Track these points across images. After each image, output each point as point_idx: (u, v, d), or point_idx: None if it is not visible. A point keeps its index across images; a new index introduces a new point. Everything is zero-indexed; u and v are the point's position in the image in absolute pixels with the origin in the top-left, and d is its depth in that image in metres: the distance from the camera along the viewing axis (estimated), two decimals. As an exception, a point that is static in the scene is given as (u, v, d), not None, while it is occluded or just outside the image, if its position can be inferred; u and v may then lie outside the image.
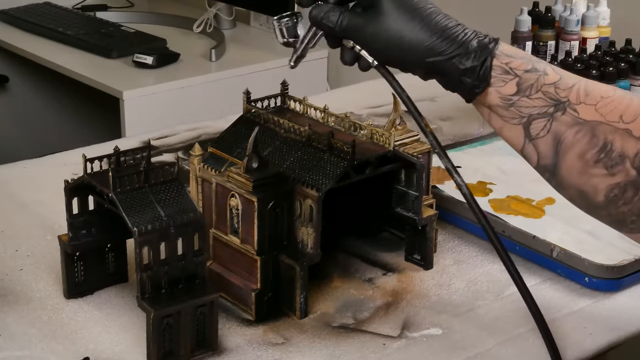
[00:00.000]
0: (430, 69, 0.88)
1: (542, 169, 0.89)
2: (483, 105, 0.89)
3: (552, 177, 0.89)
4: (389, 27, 0.88)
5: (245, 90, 1.12)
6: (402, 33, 0.87)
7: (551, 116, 0.86)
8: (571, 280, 1.08)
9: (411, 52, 0.88)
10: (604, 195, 0.86)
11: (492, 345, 0.97)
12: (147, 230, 0.88)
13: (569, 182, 0.87)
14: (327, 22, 0.91)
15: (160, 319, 0.89)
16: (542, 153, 0.88)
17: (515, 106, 0.87)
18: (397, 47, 0.88)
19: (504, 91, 0.87)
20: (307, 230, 0.99)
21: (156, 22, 2.61)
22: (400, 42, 0.87)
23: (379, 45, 0.88)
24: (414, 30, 0.87)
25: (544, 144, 0.87)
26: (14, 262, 1.10)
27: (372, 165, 1.03)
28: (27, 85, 2.76)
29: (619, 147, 0.84)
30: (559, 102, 0.86)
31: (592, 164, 0.85)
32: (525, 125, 0.88)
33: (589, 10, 1.44)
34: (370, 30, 0.88)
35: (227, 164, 1.03)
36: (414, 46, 0.87)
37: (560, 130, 0.86)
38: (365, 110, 1.54)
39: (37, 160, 1.40)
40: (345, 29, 0.90)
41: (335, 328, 0.99)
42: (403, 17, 0.88)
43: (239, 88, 1.19)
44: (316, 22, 0.91)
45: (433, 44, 0.87)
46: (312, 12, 0.92)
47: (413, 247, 1.11)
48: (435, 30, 0.87)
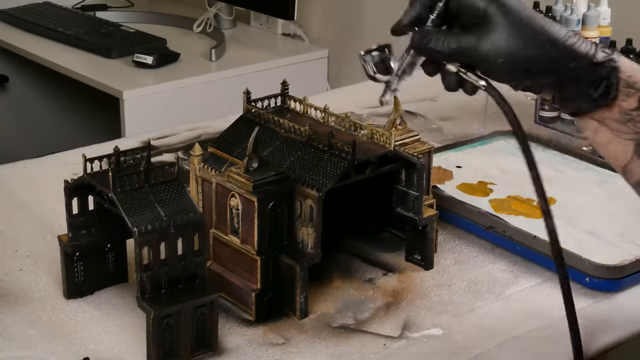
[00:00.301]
0: (556, 81, 0.85)
1: None
2: (593, 119, 0.87)
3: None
4: (507, 43, 0.83)
5: (246, 90, 1.11)
6: (524, 45, 0.83)
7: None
8: (572, 280, 1.07)
9: (536, 63, 0.83)
10: None
11: (492, 345, 0.97)
12: (147, 230, 0.88)
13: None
14: (433, 47, 0.84)
15: (160, 319, 0.89)
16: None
17: (633, 122, 0.85)
18: (520, 59, 0.83)
19: (626, 105, 0.85)
20: (308, 231, 0.99)
21: (156, 22, 2.61)
22: (524, 53, 0.83)
23: (494, 64, 0.83)
24: (536, 42, 0.83)
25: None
26: (13, 263, 1.10)
27: (373, 165, 1.03)
28: (26, 85, 2.76)
29: None
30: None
31: None
32: (638, 141, 0.86)
33: (589, 10, 1.43)
34: (484, 48, 0.83)
35: (227, 164, 1.03)
36: (539, 57, 0.83)
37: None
38: (366, 110, 1.54)
39: (36, 160, 1.40)
40: (454, 51, 0.84)
41: (335, 328, 0.99)
42: (521, 31, 0.83)
43: (239, 88, 1.19)
44: (421, 47, 0.85)
45: (559, 55, 0.83)
46: (414, 37, 0.85)
47: (413, 247, 1.11)
48: (557, 41, 0.83)
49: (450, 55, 0.85)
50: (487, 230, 1.15)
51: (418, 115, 1.52)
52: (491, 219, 1.15)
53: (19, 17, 2.56)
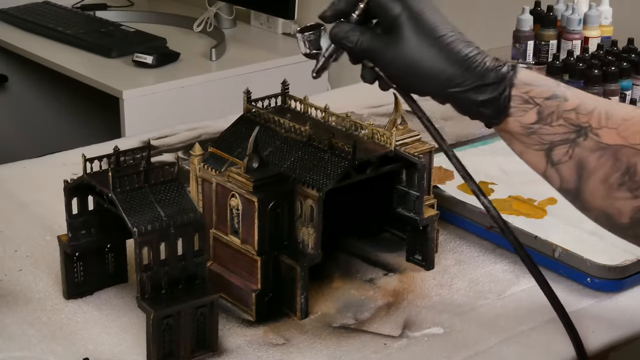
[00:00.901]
0: (448, 99, 0.88)
1: (564, 192, 0.89)
2: (503, 131, 0.89)
3: (575, 200, 0.88)
4: (407, 54, 0.86)
5: (246, 90, 1.11)
6: (421, 61, 0.85)
7: (573, 142, 0.86)
8: (573, 280, 1.08)
9: (429, 81, 0.86)
10: (629, 218, 0.85)
11: (493, 343, 0.97)
12: (147, 230, 0.88)
13: (593, 205, 0.87)
14: (346, 42, 0.89)
15: (160, 319, 0.89)
16: (564, 177, 0.87)
17: (537, 134, 0.87)
18: (414, 75, 0.86)
19: (524, 120, 0.86)
20: (308, 231, 0.98)
21: (156, 22, 2.61)
22: (419, 70, 0.86)
23: (397, 71, 0.87)
24: (432, 59, 0.85)
25: (567, 169, 0.87)
26: (13, 263, 1.09)
27: (373, 165, 1.03)
28: (26, 84, 2.75)
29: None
30: (580, 128, 0.86)
31: (615, 188, 0.85)
32: (547, 152, 0.87)
33: (591, 9, 1.43)
34: (389, 54, 0.87)
35: (227, 164, 1.03)
36: (433, 75, 0.86)
37: (582, 156, 0.86)
38: (366, 109, 1.54)
39: (36, 160, 1.39)
40: (365, 50, 0.88)
41: (336, 328, 0.99)
42: (423, 45, 0.85)
43: (239, 87, 1.18)
44: (336, 40, 0.90)
45: (451, 75, 0.85)
46: (332, 30, 0.90)
47: (414, 248, 1.11)
48: (454, 61, 0.85)
49: (360, 54, 0.89)
50: (488, 230, 1.15)
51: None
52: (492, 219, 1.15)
53: (19, 17, 2.55)
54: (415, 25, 0.85)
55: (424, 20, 0.85)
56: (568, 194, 0.88)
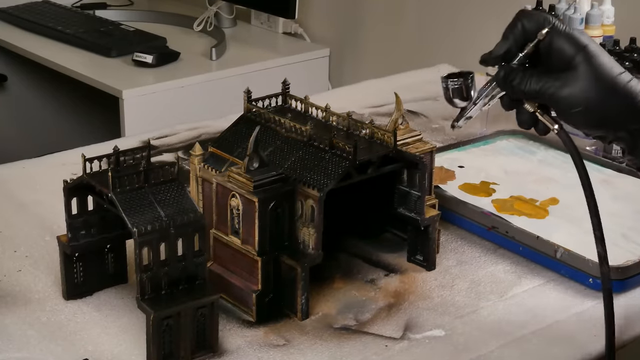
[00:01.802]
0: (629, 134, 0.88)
1: None
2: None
3: None
4: (588, 93, 0.86)
5: (246, 90, 1.11)
6: (603, 98, 0.86)
7: None
8: (575, 281, 1.07)
9: (612, 116, 0.87)
10: None
11: (495, 347, 0.97)
12: (146, 230, 0.88)
13: None
14: (517, 85, 0.88)
15: (160, 320, 0.89)
16: None
17: None
18: (596, 111, 0.87)
19: None
20: (309, 231, 0.98)
21: (156, 21, 2.60)
22: (601, 106, 0.86)
23: (576, 109, 0.87)
24: (614, 97, 0.86)
25: None
26: (12, 263, 1.09)
27: (374, 165, 1.03)
28: (25, 84, 2.75)
29: None
30: None
31: None
32: None
33: (593, 8, 1.43)
34: (565, 94, 0.86)
35: (227, 163, 1.02)
36: (615, 110, 0.87)
37: None
38: (367, 109, 1.53)
39: (35, 160, 1.39)
40: (537, 92, 0.87)
41: (336, 329, 0.99)
42: (603, 82, 0.86)
43: (240, 87, 1.18)
44: (505, 84, 0.89)
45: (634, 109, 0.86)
46: (500, 73, 0.89)
47: (415, 248, 1.10)
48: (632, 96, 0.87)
49: (530, 95, 0.88)
50: (489, 230, 1.15)
51: (420, 114, 1.52)
52: (494, 220, 1.15)
53: (18, 16, 2.55)
54: (593, 66, 0.86)
55: (601, 59, 0.87)
56: None
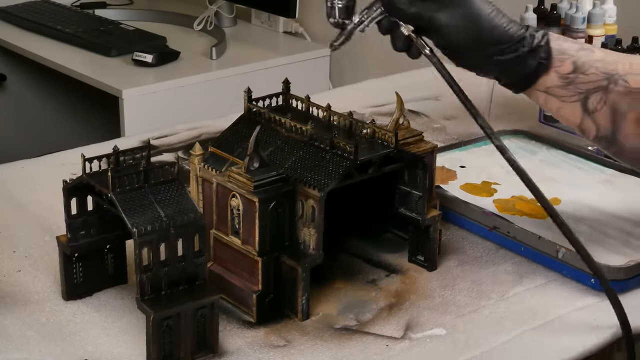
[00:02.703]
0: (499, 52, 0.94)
1: (600, 139, 0.97)
2: (539, 91, 0.97)
3: (610, 145, 0.97)
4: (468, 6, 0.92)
5: (247, 89, 1.11)
6: (482, 16, 0.93)
7: (605, 89, 0.95)
8: (577, 281, 1.07)
9: (487, 35, 0.93)
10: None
11: (497, 343, 0.97)
12: (146, 230, 0.87)
13: (628, 147, 0.97)
14: (398, 3, 0.93)
15: (160, 321, 0.88)
16: (600, 125, 0.96)
17: (574, 84, 0.95)
18: (475, 25, 0.93)
19: (562, 70, 0.95)
20: (309, 231, 0.98)
21: (156, 20, 2.60)
22: (480, 24, 0.93)
23: (455, 26, 0.93)
24: (489, 14, 0.93)
25: (602, 116, 0.95)
26: (11, 264, 1.09)
27: (375, 165, 1.02)
28: (25, 83, 2.75)
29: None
30: (610, 75, 0.95)
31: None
32: (583, 101, 0.96)
33: (595, 7, 1.42)
34: (445, 12, 0.92)
35: (228, 163, 1.02)
36: (491, 29, 0.93)
37: (615, 101, 0.95)
38: (368, 109, 1.53)
39: (35, 160, 1.39)
40: (417, 14, 0.93)
41: (337, 330, 0.98)
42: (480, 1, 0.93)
43: (240, 87, 1.18)
44: (388, 1, 0.94)
45: (507, 27, 0.94)
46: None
47: (416, 248, 1.10)
48: (505, 15, 0.94)
49: (410, 17, 0.94)
50: (491, 230, 1.14)
51: (421, 114, 1.51)
52: (495, 220, 1.14)
53: (17, 15, 2.55)
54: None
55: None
56: (603, 140, 0.97)
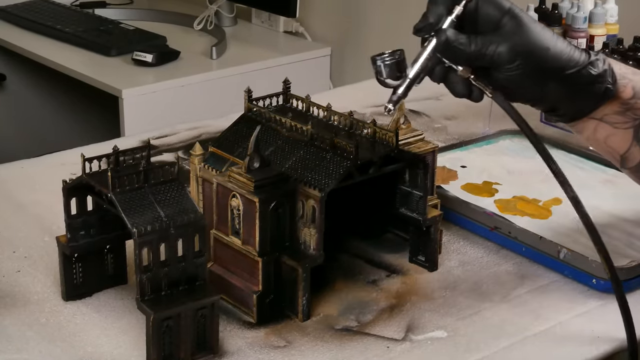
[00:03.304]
0: (566, 80, 0.90)
1: None
2: (592, 119, 0.94)
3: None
4: (527, 35, 0.88)
5: (247, 89, 1.10)
6: (545, 43, 0.88)
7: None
8: (578, 282, 1.07)
9: (553, 62, 0.89)
10: None
11: (498, 348, 0.96)
12: (146, 231, 0.87)
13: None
14: (458, 46, 0.87)
15: (160, 321, 0.88)
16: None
17: (632, 109, 0.93)
18: (539, 57, 0.88)
19: (624, 96, 0.93)
20: (310, 231, 0.97)
21: (156, 20, 2.60)
22: (543, 52, 0.88)
23: (516, 62, 0.88)
24: (552, 40, 0.89)
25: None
26: (11, 264, 1.09)
27: (376, 165, 1.02)
28: (24, 83, 2.75)
29: None
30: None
31: None
32: (636, 128, 0.94)
33: (596, 7, 1.42)
34: (504, 49, 0.88)
35: (228, 163, 1.02)
36: (557, 56, 0.89)
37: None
38: (369, 109, 1.53)
39: (34, 159, 1.39)
40: (478, 52, 0.88)
41: (338, 331, 0.98)
42: (539, 29, 0.89)
43: (240, 86, 1.17)
44: (448, 47, 0.88)
45: (571, 53, 0.90)
46: (441, 36, 0.88)
47: (417, 249, 1.10)
48: (564, 41, 0.90)
49: (471, 57, 0.88)
50: (492, 231, 1.14)
51: (422, 114, 1.51)
52: (496, 220, 1.14)
53: (17, 14, 2.54)
54: (521, 21, 0.88)
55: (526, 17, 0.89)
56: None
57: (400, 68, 0.89)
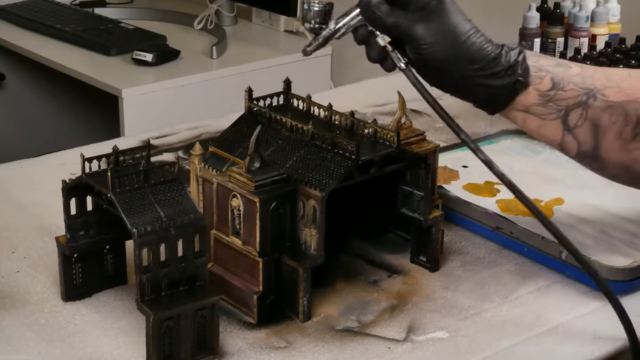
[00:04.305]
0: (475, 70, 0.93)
1: (582, 155, 0.97)
2: (518, 110, 0.96)
3: (593, 161, 0.97)
4: (446, 22, 0.92)
5: (247, 88, 1.10)
6: (458, 33, 0.92)
7: (585, 104, 0.94)
8: (580, 282, 1.06)
9: (464, 51, 0.92)
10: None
11: (499, 349, 0.96)
12: (146, 231, 0.87)
13: (610, 161, 0.96)
14: (379, 14, 0.93)
15: (160, 322, 0.88)
16: (582, 140, 0.96)
17: (553, 101, 0.94)
18: (451, 41, 0.92)
19: (541, 88, 0.95)
20: (310, 232, 0.97)
21: (156, 19, 2.60)
22: (456, 39, 0.92)
23: (431, 40, 0.92)
24: (467, 32, 0.93)
25: (583, 132, 0.95)
26: (10, 264, 1.08)
27: (377, 165, 1.02)
28: (24, 83, 2.74)
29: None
30: (588, 90, 0.95)
31: (630, 140, 0.94)
32: (563, 118, 0.95)
33: (598, 6, 1.42)
34: (421, 27, 0.92)
35: (228, 163, 1.02)
36: (468, 46, 0.92)
37: (595, 116, 0.94)
38: (370, 108, 1.52)
39: (34, 159, 1.38)
40: (395, 24, 0.92)
41: (339, 331, 0.98)
42: (459, 19, 0.92)
43: (241, 86, 1.17)
44: (368, 11, 0.93)
45: (483, 45, 0.93)
46: (364, 2, 0.94)
47: (418, 249, 1.09)
48: (483, 34, 0.94)
49: (388, 27, 0.93)
50: (493, 231, 1.14)
51: (423, 113, 1.51)
52: (498, 220, 1.14)
53: (16, 14, 2.54)
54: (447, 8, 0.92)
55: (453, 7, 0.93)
56: (586, 156, 0.97)
57: (326, 17, 0.96)
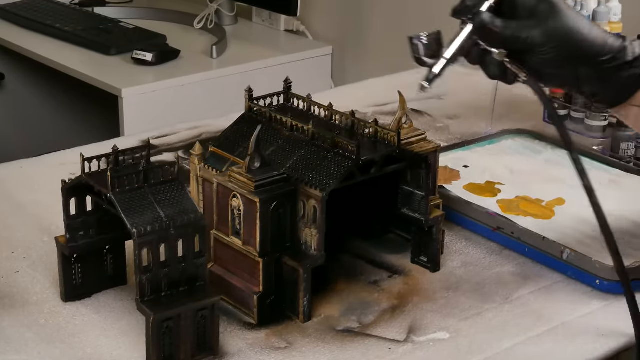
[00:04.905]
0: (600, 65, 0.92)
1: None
2: (635, 106, 0.94)
3: None
4: (564, 21, 0.90)
5: (247, 88, 1.10)
6: (580, 28, 0.91)
7: None
8: (582, 282, 1.06)
9: (587, 47, 0.91)
10: None
11: (500, 349, 0.96)
12: (146, 231, 0.87)
13: None
14: (495, 28, 0.90)
15: (160, 322, 0.88)
16: None
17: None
18: (576, 38, 0.90)
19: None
20: (311, 232, 0.97)
21: (156, 18, 2.59)
22: (579, 37, 0.90)
23: (555, 42, 0.90)
24: (587, 26, 0.91)
25: None
26: (10, 264, 1.08)
27: (378, 165, 1.01)
28: (23, 82, 2.74)
29: None
30: None
31: None
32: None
33: (599, 5, 1.41)
34: (539, 33, 0.90)
35: (228, 163, 1.01)
36: (591, 41, 0.91)
37: None
38: (371, 108, 1.52)
39: (33, 159, 1.38)
40: (513, 35, 0.91)
41: (339, 332, 0.98)
42: (574, 15, 0.91)
43: (241, 86, 1.17)
44: (483, 28, 0.91)
45: (606, 38, 0.92)
46: (478, 19, 0.91)
47: (419, 249, 1.09)
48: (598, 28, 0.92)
49: (508, 40, 0.91)
50: (494, 231, 1.13)
51: (424, 113, 1.51)
52: (499, 220, 1.14)
53: (16, 13, 2.54)
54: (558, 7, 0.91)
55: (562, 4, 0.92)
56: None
57: (436, 48, 0.92)
